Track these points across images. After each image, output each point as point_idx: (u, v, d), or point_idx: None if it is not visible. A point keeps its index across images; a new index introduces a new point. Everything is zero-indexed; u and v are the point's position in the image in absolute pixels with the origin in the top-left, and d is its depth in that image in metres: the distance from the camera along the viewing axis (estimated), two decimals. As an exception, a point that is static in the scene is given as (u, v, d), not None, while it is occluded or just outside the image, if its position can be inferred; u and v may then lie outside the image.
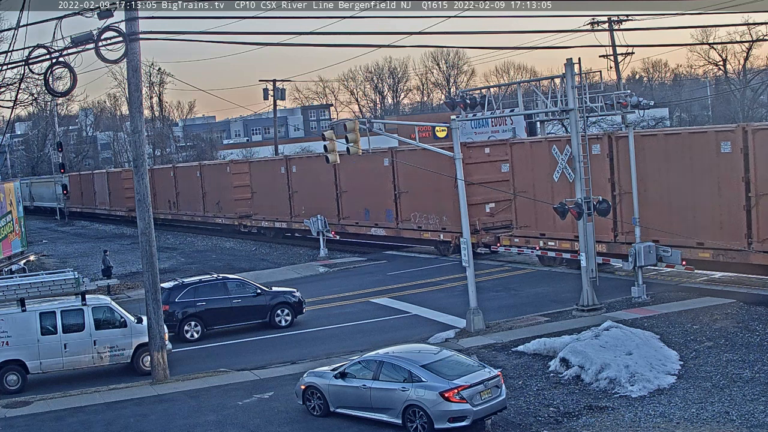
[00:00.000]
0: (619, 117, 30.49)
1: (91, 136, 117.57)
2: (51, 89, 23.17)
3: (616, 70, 57.65)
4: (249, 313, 27.05)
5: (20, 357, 22.03)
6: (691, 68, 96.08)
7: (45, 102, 71.61)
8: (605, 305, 25.01)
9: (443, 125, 40.09)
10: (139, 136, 22.07)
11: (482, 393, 16.04)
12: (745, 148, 24.61)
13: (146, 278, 21.97)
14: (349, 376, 17.41)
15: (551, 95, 26.17)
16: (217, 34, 22.45)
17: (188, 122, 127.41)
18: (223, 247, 49.84)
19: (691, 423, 15.87)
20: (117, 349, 22.79)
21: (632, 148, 26.76)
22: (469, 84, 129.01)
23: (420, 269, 35.87)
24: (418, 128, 30.49)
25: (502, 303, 27.74)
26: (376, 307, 29.07)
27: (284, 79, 74.16)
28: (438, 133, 63.88)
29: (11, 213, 42.55)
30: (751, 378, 17.89)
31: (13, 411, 19.95)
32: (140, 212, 21.95)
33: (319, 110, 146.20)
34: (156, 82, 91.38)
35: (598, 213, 25.01)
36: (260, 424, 17.87)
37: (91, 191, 77.07)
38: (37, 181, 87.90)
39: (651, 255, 25.76)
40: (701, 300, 25.04)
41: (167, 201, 61.49)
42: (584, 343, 19.73)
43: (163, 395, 20.45)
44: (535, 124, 53.86)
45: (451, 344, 22.23)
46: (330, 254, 41.49)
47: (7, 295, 22.21)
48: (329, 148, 25.58)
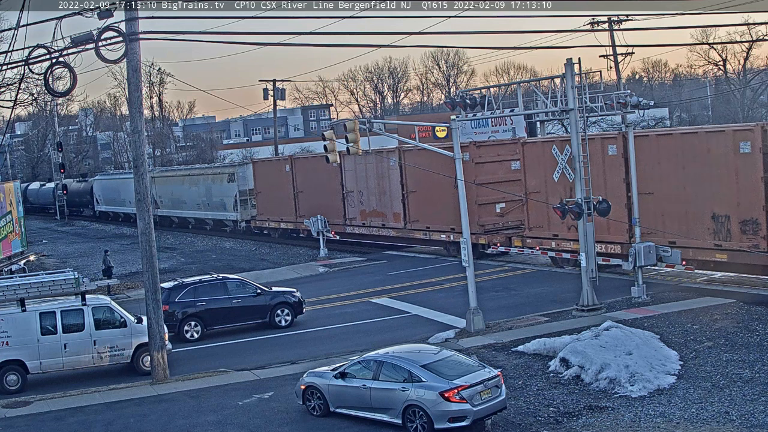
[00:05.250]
0: (619, 117, 30.54)
1: (91, 136, 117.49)
2: (51, 89, 23.20)
3: (616, 70, 57.67)
4: (249, 313, 27.06)
5: (20, 357, 22.04)
6: (691, 68, 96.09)
7: (45, 102, 71.64)
8: (605, 305, 25.01)
9: (443, 125, 39.99)
10: (139, 136, 22.08)
11: (482, 393, 16.04)
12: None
13: (146, 278, 21.97)
14: (349, 376, 17.42)
15: (551, 95, 26.17)
16: (217, 34, 22.50)
17: (188, 122, 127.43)
18: (223, 247, 49.86)
19: (691, 423, 15.87)
20: (117, 349, 22.79)
21: (632, 148, 26.73)
22: (469, 84, 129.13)
23: (420, 269, 35.87)
24: (418, 128, 30.51)
25: (502, 303, 27.74)
26: (376, 307, 29.07)
27: (284, 79, 74.28)
28: (438, 133, 63.82)
29: (11, 213, 42.58)
30: (751, 378, 17.89)
31: (13, 411, 19.95)
32: (140, 212, 21.95)
33: (319, 110, 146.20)
34: (156, 82, 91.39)
35: (598, 213, 25.00)
36: (260, 424, 17.87)
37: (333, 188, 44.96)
38: (160, 176, 65.07)
39: (651, 255, 25.76)
40: (701, 300, 25.04)
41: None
42: (584, 343, 19.73)
43: (163, 395, 20.45)
44: (535, 124, 53.93)
45: (451, 344, 22.23)
46: (330, 254, 41.50)
47: (7, 295, 22.21)
48: (329, 148, 25.59)
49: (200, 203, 57.34)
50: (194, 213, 58.84)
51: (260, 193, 50.23)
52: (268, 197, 49.50)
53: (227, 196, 53.47)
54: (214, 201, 55.39)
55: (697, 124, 72.41)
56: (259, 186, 50.29)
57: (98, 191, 74.49)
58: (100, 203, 74.10)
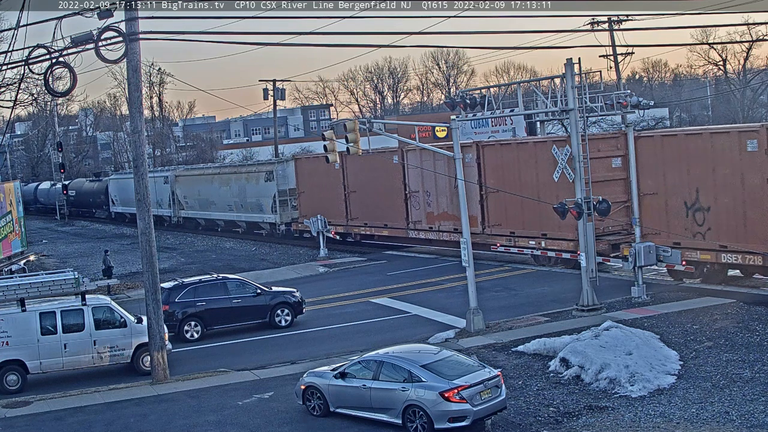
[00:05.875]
0: (619, 117, 30.52)
1: (91, 136, 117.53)
2: (51, 89, 23.19)
3: (616, 70, 57.66)
4: (249, 313, 27.05)
5: (20, 357, 22.04)
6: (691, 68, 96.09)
7: (45, 102, 71.57)
8: (605, 305, 25.01)
9: (443, 125, 39.80)
10: (139, 136, 22.08)
11: (482, 393, 16.04)
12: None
13: (146, 278, 21.97)
14: (349, 376, 17.42)
15: (551, 95, 26.18)
16: (217, 34, 22.47)
17: (188, 122, 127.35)
18: (223, 247, 49.84)
19: (691, 423, 15.87)
20: (117, 349, 22.79)
21: (632, 148, 26.74)
22: (469, 84, 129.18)
23: (420, 269, 35.87)
24: (418, 128, 30.47)
25: (502, 303, 27.73)
26: (376, 307, 29.07)
27: (284, 79, 74.22)
28: (438, 133, 63.86)
29: (11, 213, 42.58)
30: (751, 378, 17.89)
31: (13, 411, 19.95)
32: (140, 212, 21.95)
33: (319, 110, 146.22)
34: (156, 82, 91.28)
35: (598, 213, 25.00)
36: (260, 424, 17.87)
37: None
38: (185, 174, 61.77)
39: (651, 255, 25.76)
40: (701, 300, 25.04)
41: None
42: (584, 343, 19.73)
43: (163, 395, 20.45)
44: (535, 124, 53.90)
45: (451, 344, 22.23)
46: (330, 254, 41.48)
47: (7, 295, 22.21)
48: (329, 148, 25.61)
49: (232, 204, 53.25)
50: (224, 215, 54.93)
51: (303, 193, 46.08)
52: (312, 197, 45.16)
53: (264, 197, 49.11)
54: (249, 202, 51.09)
55: (697, 124, 72.41)
56: (301, 185, 46.23)
57: (114, 191, 69.72)
58: (116, 204, 69.62)
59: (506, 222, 33.74)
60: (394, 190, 39.53)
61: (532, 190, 31.47)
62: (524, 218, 32.74)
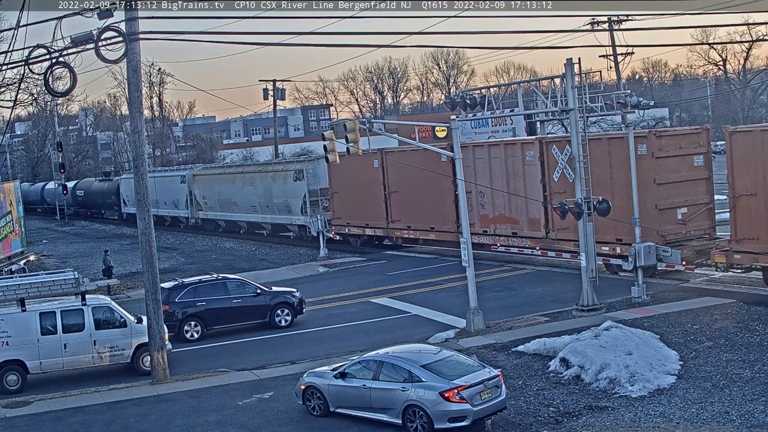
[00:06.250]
0: (619, 117, 30.51)
1: (91, 136, 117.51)
2: (51, 89, 23.20)
3: (616, 70, 57.71)
4: (249, 313, 27.04)
5: (20, 357, 22.03)
6: (691, 68, 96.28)
7: (45, 102, 71.56)
8: (605, 305, 25.02)
9: (443, 125, 39.70)
10: (139, 136, 22.08)
11: (482, 393, 16.04)
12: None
13: (146, 278, 21.97)
14: (349, 376, 17.42)
15: (551, 95, 26.18)
16: (217, 34, 22.48)
17: (188, 122, 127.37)
18: (223, 247, 49.83)
19: (691, 423, 15.87)
20: (117, 349, 22.79)
21: (632, 148, 26.74)
22: (469, 84, 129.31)
23: (420, 269, 35.87)
24: (418, 128, 30.46)
25: (502, 303, 27.74)
26: (376, 307, 29.07)
27: (284, 79, 74.33)
28: (438, 133, 63.90)
29: (11, 213, 42.58)
30: (751, 378, 17.89)
31: (13, 411, 19.95)
32: (140, 212, 21.94)
33: (319, 110, 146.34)
34: (156, 82, 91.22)
35: (598, 213, 24.99)
36: (260, 424, 17.87)
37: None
38: (203, 173, 58.81)
39: (651, 255, 25.75)
40: (701, 300, 25.04)
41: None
42: (584, 343, 19.74)
43: (163, 395, 20.45)
44: (535, 124, 53.95)
45: (451, 344, 22.23)
46: (330, 254, 41.47)
47: (7, 295, 22.21)
48: (329, 148, 25.62)
49: (256, 205, 50.03)
50: (248, 216, 51.70)
51: (337, 194, 43.02)
52: (348, 198, 42.32)
53: (294, 197, 45.85)
54: (276, 203, 47.82)
55: (697, 124, 72.39)
56: (335, 185, 43.02)
57: (126, 192, 65.12)
58: (128, 204, 65.31)
59: (574, 225, 27.93)
60: (443, 190, 36.21)
61: (614, 189, 28.49)
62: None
